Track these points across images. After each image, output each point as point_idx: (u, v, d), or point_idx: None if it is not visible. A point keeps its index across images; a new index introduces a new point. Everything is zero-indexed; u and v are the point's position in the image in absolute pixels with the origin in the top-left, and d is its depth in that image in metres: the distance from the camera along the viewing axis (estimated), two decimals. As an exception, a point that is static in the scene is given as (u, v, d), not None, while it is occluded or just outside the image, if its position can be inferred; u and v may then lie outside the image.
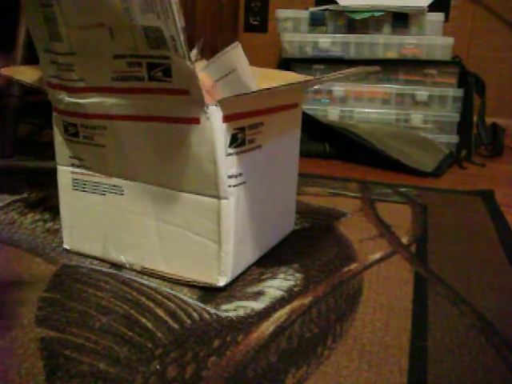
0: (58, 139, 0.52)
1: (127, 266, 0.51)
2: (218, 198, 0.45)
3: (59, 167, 0.53)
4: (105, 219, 0.51)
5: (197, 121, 0.43)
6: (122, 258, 0.51)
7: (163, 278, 0.49)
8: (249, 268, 0.52)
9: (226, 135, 0.44)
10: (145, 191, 0.48)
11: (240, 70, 0.48)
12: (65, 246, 0.55)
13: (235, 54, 0.48)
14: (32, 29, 0.46)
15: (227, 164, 0.44)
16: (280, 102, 0.52)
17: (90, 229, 0.53)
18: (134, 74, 0.43)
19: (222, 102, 0.42)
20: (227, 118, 0.43)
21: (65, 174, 0.53)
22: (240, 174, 0.46)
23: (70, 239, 0.54)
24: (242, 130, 0.46)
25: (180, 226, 0.47)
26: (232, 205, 0.45)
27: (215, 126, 0.43)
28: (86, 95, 0.47)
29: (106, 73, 0.44)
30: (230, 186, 0.45)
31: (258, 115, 0.48)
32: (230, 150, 0.44)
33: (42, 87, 0.53)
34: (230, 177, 0.45)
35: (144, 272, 0.50)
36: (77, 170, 0.52)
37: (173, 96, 0.42)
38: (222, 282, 0.47)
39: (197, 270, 0.48)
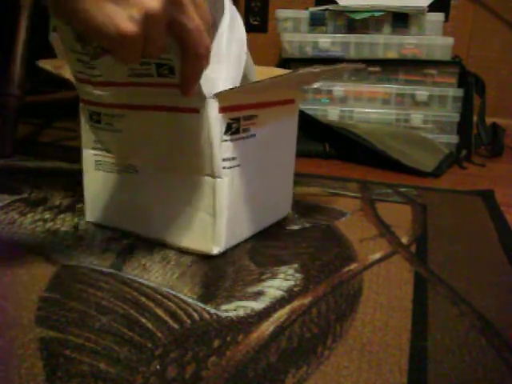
0: (84, 126, 0.59)
1: (139, 235, 0.58)
2: (214, 177, 0.51)
3: (84, 150, 0.61)
4: (120, 195, 0.59)
5: (197, 111, 0.49)
6: (133, 229, 0.58)
7: (166, 247, 0.56)
8: (245, 241, 0.58)
9: (222, 124, 0.50)
10: (154, 171, 0.55)
11: (245, 70, 0.54)
12: (87, 220, 0.63)
13: None
14: (60, 31, 0.52)
15: (222, 148, 0.51)
16: (275, 97, 0.59)
17: (108, 203, 0.60)
18: (146, 72, 0.49)
19: (218, 95, 0.49)
20: (223, 109, 0.50)
21: (89, 156, 0.60)
22: (234, 158, 0.52)
23: (91, 213, 0.62)
24: (237, 120, 0.52)
25: (182, 202, 0.54)
26: (226, 183, 0.52)
27: (212, 115, 0.49)
28: (108, 88, 0.54)
29: (123, 70, 0.51)
30: (224, 167, 0.51)
31: (252, 108, 0.54)
32: (225, 137, 0.51)
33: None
34: (224, 160, 0.51)
35: (150, 241, 0.57)
36: (99, 152, 0.59)
37: (177, 89, 0.47)
38: (215, 250, 0.53)
39: (195, 240, 0.54)
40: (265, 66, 0.66)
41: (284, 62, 1.27)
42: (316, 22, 1.28)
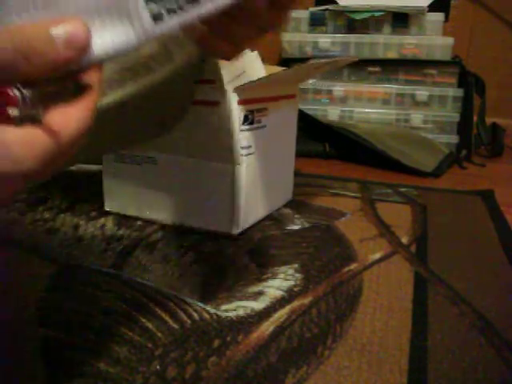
0: None
1: (159, 221, 0.63)
2: (233, 164, 0.57)
3: None
4: (140, 185, 0.63)
5: (217, 104, 0.55)
6: (154, 216, 0.63)
7: (189, 231, 0.60)
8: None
9: (240, 115, 0.56)
10: (175, 161, 0.60)
11: (249, 71, 0.59)
12: (106, 209, 0.66)
13: (245, 58, 0.60)
14: None
15: (240, 138, 0.56)
16: (280, 92, 0.65)
17: (128, 193, 0.64)
18: None
19: (237, 89, 0.55)
20: (241, 102, 0.56)
21: None
22: (250, 147, 0.58)
23: (111, 203, 0.66)
24: (252, 112, 0.58)
25: (202, 188, 0.59)
26: (244, 170, 0.57)
27: (233, 107, 0.55)
28: None
29: None
30: (242, 155, 0.57)
31: (263, 101, 0.60)
32: (243, 127, 0.56)
33: None
34: (242, 148, 0.57)
35: (173, 226, 0.62)
36: None
37: (202, 84, 0.54)
38: (235, 230, 0.59)
39: (216, 222, 0.60)
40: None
41: (284, 62, 1.26)
42: (316, 22, 1.28)
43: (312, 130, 1.11)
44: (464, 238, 0.64)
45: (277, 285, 0.49)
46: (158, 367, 0.36)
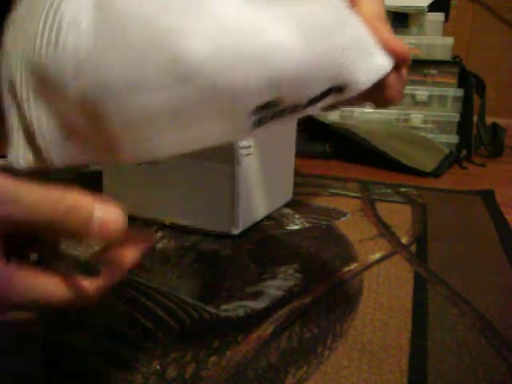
0: None
1: (159, 221, 0.62)
2: (233, 163, 0.57)
3: None
4: (140, 185, 0.63)
5: None
6: (154, 216, 0.63)
7: (188, 231, 0.60)
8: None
9: None
10: (174, 161, 0.60)
11: None
12: None
13: None
14: None
15: None
16: None
17: (127, 192, 0.64)
18: None
19: None
20: None
21: None
22: (249, 147, 0.58)
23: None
24: None
25: (202, 188, 0.59)
26: (243, 169, 0.58)
27: None
28: None
29: None
30: (242, 154, 0.57)
31: None
32: None
33: None
34: (241, 148, 0.57)
35: (172, 226, 0.61)
36: None
37: None
38: (235, 231, 0.59)
39: (216, 222, 0.60)
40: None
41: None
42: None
43: (312, 130, 1.11)
44: (464, 238, 0.64)
45: (277, 285, 0.49)
46: (158, 367, 0.36)
